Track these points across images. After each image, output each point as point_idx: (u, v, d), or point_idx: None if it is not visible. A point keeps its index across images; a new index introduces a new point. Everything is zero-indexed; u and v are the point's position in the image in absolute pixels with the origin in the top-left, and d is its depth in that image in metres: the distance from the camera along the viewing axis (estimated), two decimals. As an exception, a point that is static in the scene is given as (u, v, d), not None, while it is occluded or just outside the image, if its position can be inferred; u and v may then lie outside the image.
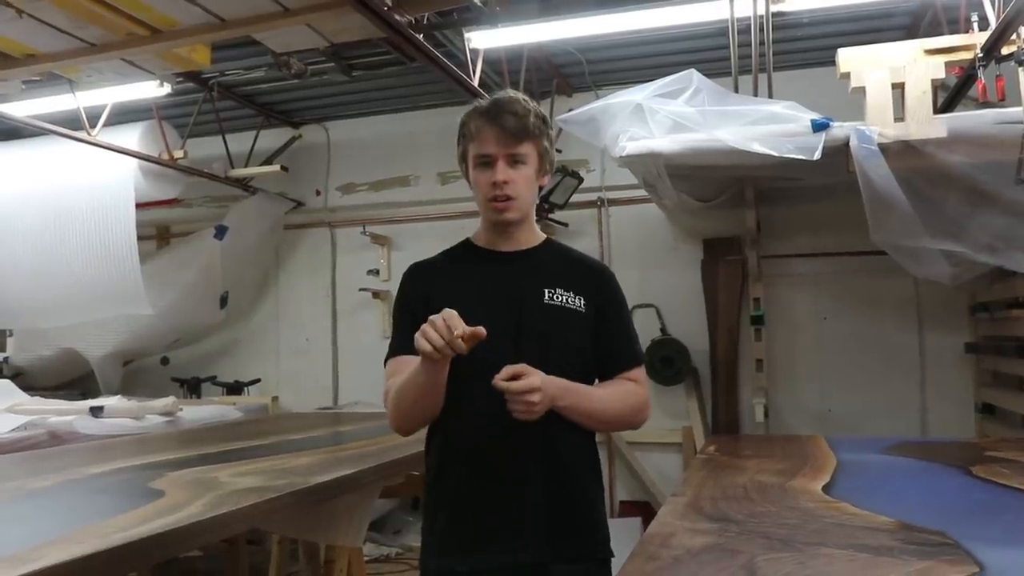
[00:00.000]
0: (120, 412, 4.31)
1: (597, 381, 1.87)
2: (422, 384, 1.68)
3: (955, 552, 1.44)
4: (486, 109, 1.79)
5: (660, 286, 5.42)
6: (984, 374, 4.79)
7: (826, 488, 2.15)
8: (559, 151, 3.03)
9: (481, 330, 1.55)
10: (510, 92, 1.84)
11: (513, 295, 1.81)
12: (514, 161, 1.77)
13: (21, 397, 4.80)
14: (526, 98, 1.81)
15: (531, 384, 1.61)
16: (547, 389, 1.65)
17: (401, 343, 1.82)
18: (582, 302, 1.83)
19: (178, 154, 5.51)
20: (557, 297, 1.81)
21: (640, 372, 1.90)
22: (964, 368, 4.95)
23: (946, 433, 4.77)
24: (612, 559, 1.82)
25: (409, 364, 1.74)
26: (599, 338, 1.85)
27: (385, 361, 1.85)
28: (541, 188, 1.91)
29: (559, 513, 1.76)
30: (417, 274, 1.91)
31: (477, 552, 1.75)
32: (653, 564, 1.42)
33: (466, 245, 1.94)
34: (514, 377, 1.61)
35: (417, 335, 1.57)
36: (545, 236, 1.95)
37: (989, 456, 2.73)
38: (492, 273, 1.85)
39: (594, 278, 1.91)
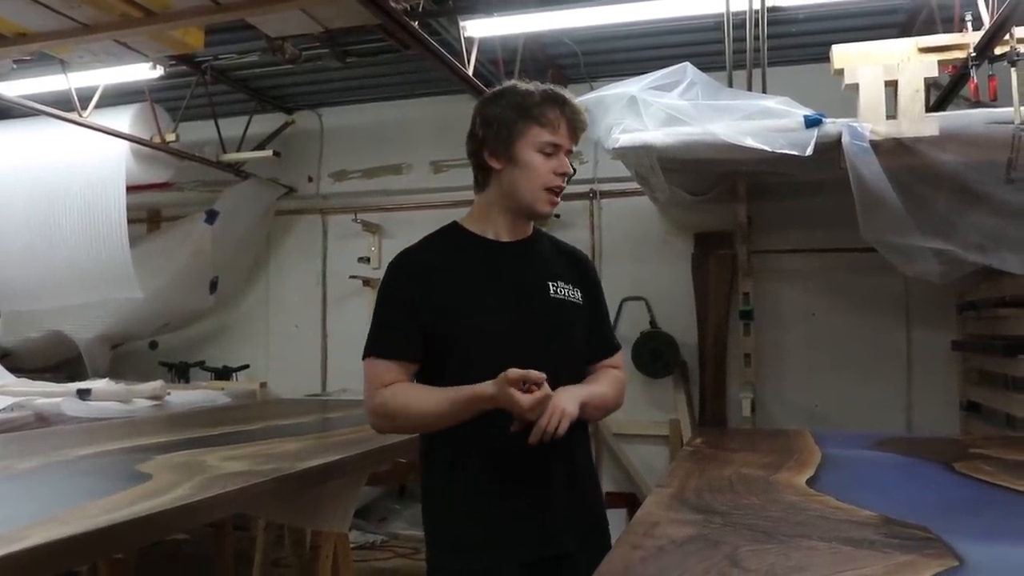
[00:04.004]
0: (107, 395, 4.29)
1: None
2: (456, 415, 1.68)
3: (936, 546, 1.45)
4: (558, 98, 1.78)
5: (650, 279, 5.42)
6: (970, 372, 4.81)
7: (810, 482, 2.16)
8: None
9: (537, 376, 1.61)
10: (552, 86, 1.82)
11: (520, 290, 1.80)
12: (568, 155, 1.80)
13: (8, 378, 4.78)
14: None
15: (561, 412, 1.65)
16: (568, 409, 1.67)
17: (383, 344, 1.77)
18: (579, 294, 1.85)
19: (170, 137, 5.48)
20: (560, 291, 1.82)
21: (620, 357, 1.97)
22: (950, 366, 4.98)
23: (931, 430, 4.80)
24: None
25: (392, 372, 1.74)
26: (589, 327, 1.88)
27: (364, 355, 1.77)
28: None
29: (578, 505, 1.81)
30: (409, 267, 1.81)
31: (500, 549, 1.73)
32: (637, 553, 1.43)
33: (457, 231, 1.87)
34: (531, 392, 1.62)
35: (519, 399, 1.59)
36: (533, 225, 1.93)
37: (972, 453, 2.75)
38: (497, 266, 1.81)
39: (581, 268, 1.95)
